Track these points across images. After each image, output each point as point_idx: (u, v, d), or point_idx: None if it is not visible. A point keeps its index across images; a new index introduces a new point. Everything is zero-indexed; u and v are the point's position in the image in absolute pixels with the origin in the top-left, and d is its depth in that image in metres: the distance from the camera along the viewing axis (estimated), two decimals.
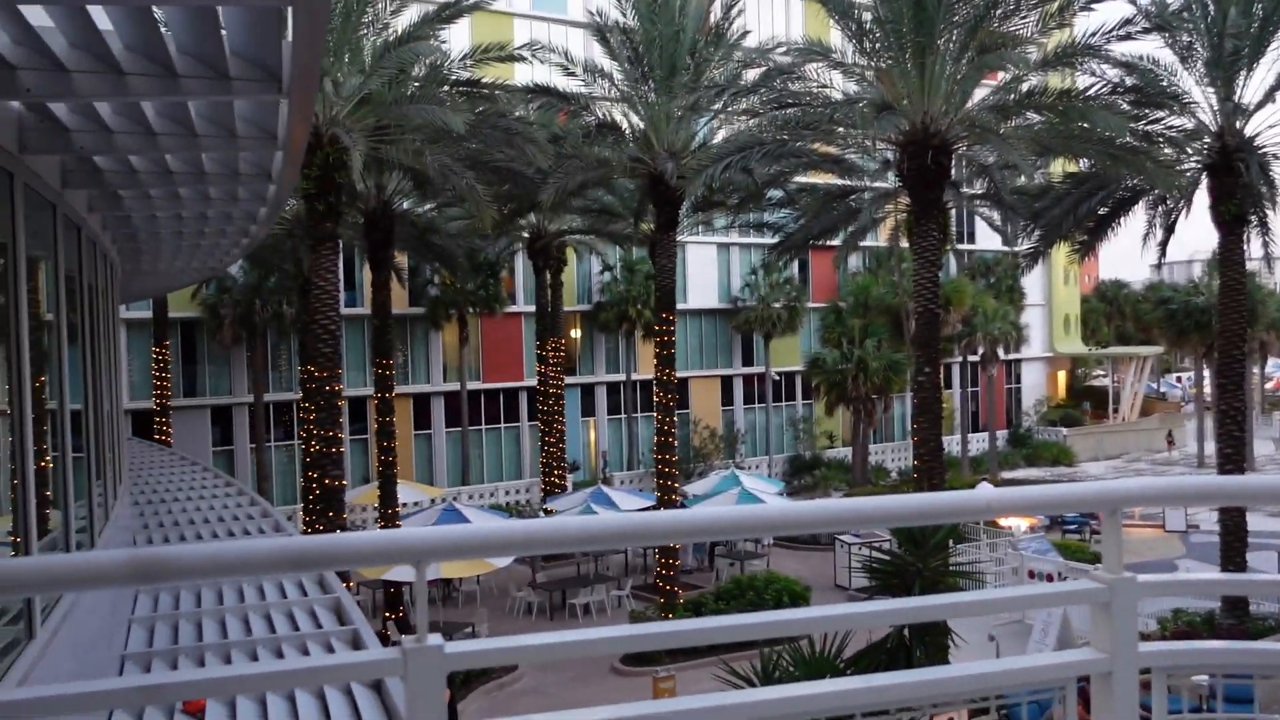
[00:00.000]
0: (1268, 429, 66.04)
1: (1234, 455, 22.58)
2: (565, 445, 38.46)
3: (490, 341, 42.03)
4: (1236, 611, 21.69)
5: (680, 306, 40.65)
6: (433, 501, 30.66)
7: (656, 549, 26.65)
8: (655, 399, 26.88)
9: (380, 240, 26.97)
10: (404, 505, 28.20)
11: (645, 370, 38.19)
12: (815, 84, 22.98)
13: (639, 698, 15.29)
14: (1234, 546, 21.97)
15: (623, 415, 45.05)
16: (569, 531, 2.29)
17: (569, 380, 40.43)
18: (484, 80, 24.23)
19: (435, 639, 2.06)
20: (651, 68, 25.82)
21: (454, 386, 40.53)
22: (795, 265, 45.91)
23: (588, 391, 44.73)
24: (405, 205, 29.10)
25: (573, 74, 27.14)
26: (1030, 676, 2.40)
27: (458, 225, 31.86)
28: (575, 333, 43.91)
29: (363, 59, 22.04)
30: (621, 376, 44.89)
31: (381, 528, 26.14)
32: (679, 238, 30.13)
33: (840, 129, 22.98)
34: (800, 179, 30.89)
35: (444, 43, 24.42)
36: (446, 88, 23.45)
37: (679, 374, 33.23)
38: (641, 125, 26.37)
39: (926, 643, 11.68)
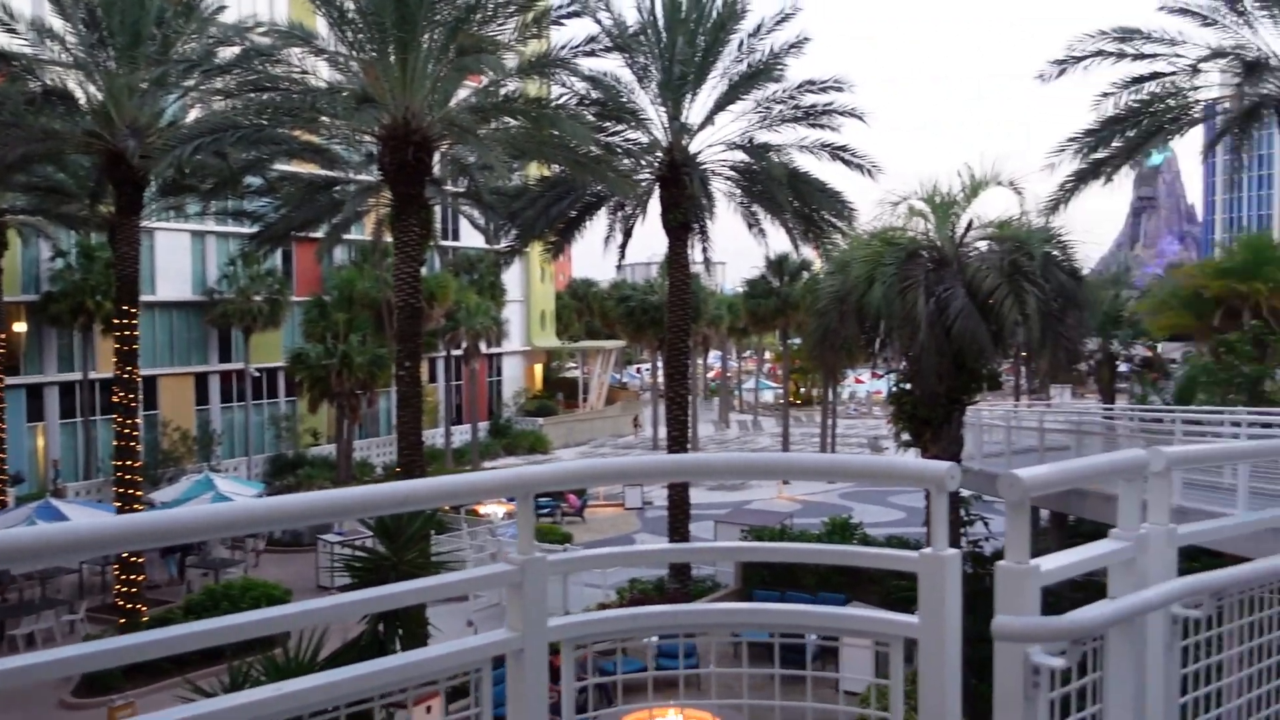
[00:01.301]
0: (709, 412, 75.11)
1: (679, 436, 25.33)
2: (5, 455, 33.69)
3: None
4: (680, 577, 24.34)
5: (148, 298, 37.43)
6: None
7: (116, 563, 24.27)
8: (116, 400, 24.39)
9: None
10: None
11: (106, 368, 34.56)
12: (297, 69, 22.20)
13: None
14: (679, 519, 24.65)
15: (79, 419, 40.43)
16: None
17: (11, 381, 35.42)
18: None
19: None
20: (111, 34, 23.37)
21: None
22: (278, 256, 44.11)
23: (35, 393, 39.56)
24: None
25: (14, 31, 23.79)
26: (447, 662, 2.45)
27: None
28: (19, 326, 38.60)
29: None
30: (78, 375, 40.26)
31: None
32: (146, 223, 27.66)
33: (324, 118, 22.43)
34: (282, 167, 29.76)
35: None
36: None
37: (146, 372, 30.55)
38: (100, 97, 23.79)
39: (403, 634, 11.76)
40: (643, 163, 25.85)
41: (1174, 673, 2.81)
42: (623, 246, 27.95)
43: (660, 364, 57.95)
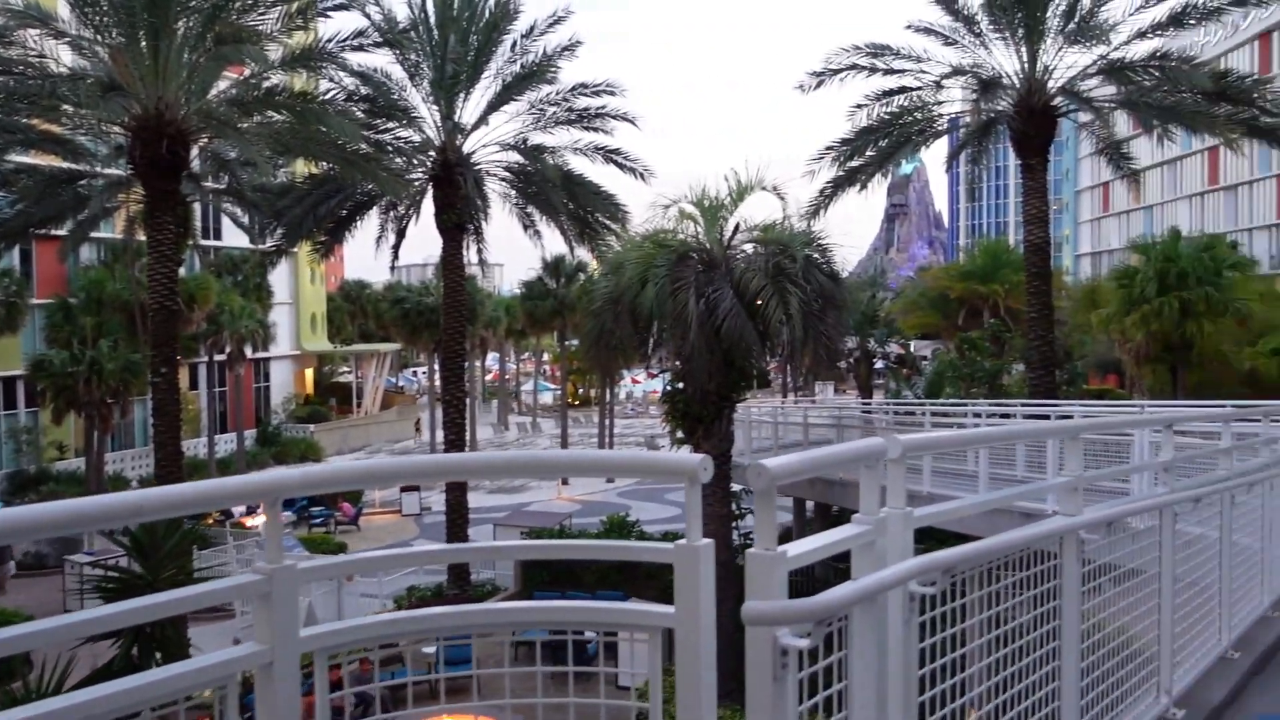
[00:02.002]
0: (487, 415, 74.61)
1: (456, 440, 25.03)
2: None
3: None
4: (460, 581, 24.05)
5: None
6: None
7: None
8: None
9: None
10: None
11: None
12: (34, 53, 20.49)
13: None
14: (457, 523, 24.35)
15: None
16: None
17: None
18: None
19: None
20: None
21: None
22: (15, 255, 40.62)
23: None
24: None
25: None
26: (184, 682, 2.31)
27: None
28: None
29: None
30: None
31: None
32: None
33: (66, 106, 20.81)
34: (19, 158, 27.37)
35: None
36: None
37: None
38: None
39: (161, 655, 11.07)
40: (415, 162, 25.39)
41: (912, 646, 2.99)
42: (396, 247, 27.36)
43: (437, 367, 57.17)
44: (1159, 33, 22.41)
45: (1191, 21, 22.41)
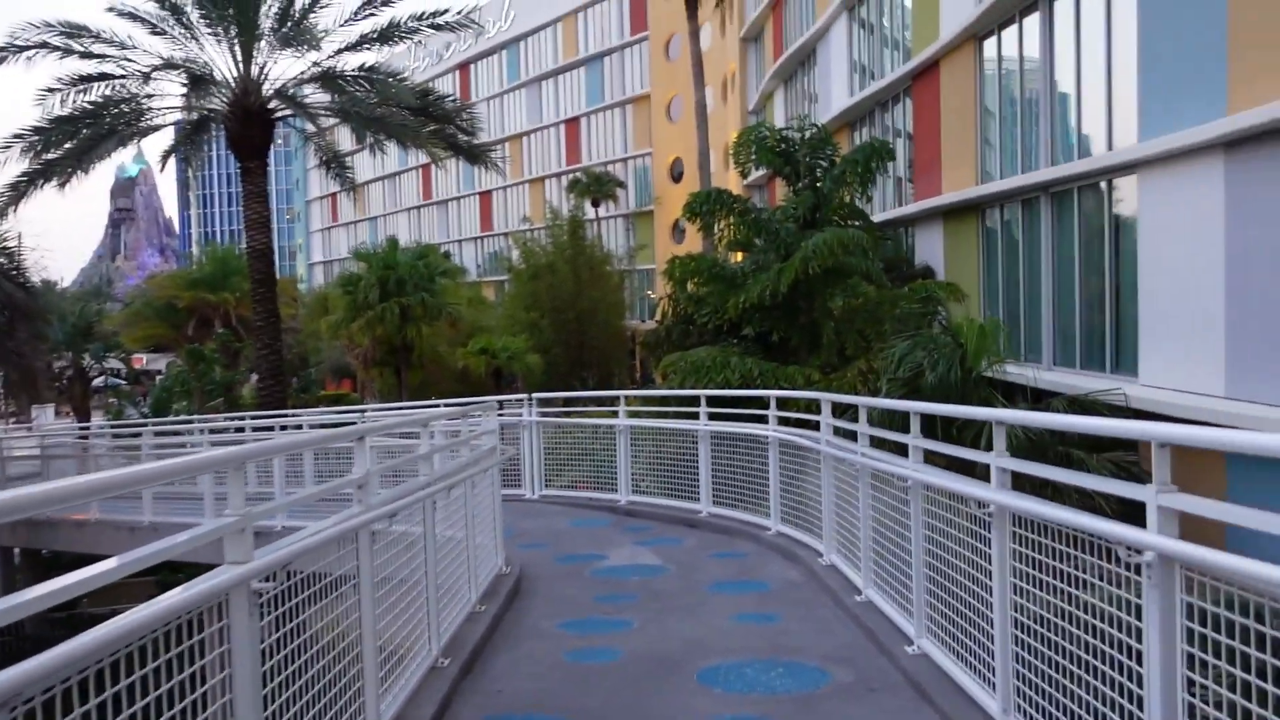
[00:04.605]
0: None
1: None
2: None
3: None
4: None
5: None
6: None
7: None
8: None
9: None
10: None
11: None
12: None
13: None
14: None
15: None
16: None
17: None
18: None
19: None
20: None
21: None
22: None
23: None
24: None
25: None
26: None
27: None
28: None
29: None
30: None
31: None
32: None
33: None
34: None
35: None
36: None
37: None
38: None
39: None
40: None
41: None
42: None
43: None
44: (368, 47, 23.12)
45: (397, 39, 23.44)
